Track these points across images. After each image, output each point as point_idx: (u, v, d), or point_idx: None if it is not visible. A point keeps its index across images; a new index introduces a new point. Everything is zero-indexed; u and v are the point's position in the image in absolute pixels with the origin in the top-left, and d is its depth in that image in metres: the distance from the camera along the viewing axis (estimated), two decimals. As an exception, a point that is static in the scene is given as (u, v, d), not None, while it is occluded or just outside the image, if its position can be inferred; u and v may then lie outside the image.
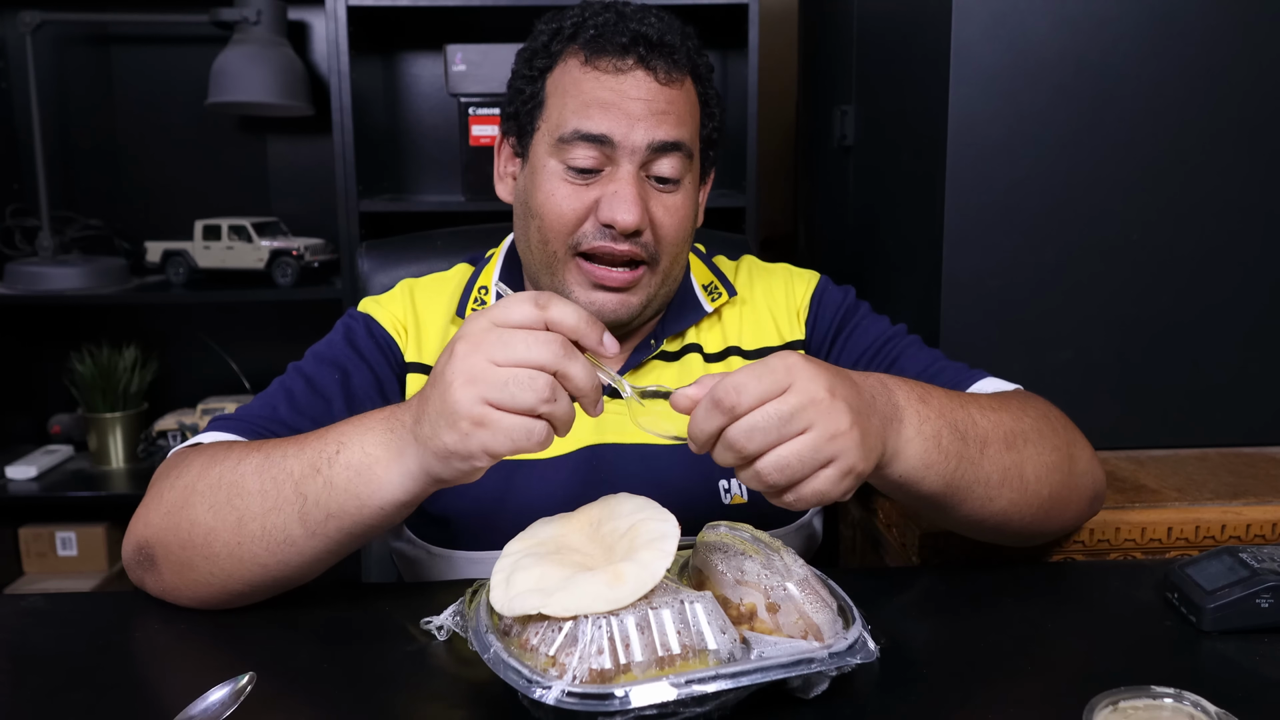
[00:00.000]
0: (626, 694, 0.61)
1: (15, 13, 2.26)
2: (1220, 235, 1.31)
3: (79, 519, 2.44)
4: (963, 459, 0.83)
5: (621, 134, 0.96)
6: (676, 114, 0.98)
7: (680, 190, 1.00)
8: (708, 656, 0.64)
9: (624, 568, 0.66)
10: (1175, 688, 0.60)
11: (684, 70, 0.99)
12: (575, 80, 0.98)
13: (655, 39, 0.97)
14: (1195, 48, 1.26)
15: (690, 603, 0.66)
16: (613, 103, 0.96)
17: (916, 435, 0.80)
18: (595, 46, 0.97)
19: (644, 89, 0.97)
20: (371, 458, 0.76)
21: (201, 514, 0.81)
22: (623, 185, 0.96)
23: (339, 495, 0.77)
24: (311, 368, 1.02)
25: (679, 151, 0.98)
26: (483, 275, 1.11)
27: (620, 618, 0.64)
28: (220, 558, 0.81)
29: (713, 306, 1.09)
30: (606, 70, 0.97)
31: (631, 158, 0.96)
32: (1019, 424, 0.89)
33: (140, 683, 0.78)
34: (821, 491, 0.71)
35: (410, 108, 2.50)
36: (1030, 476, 0.88)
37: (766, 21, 2.27)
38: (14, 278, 2.28)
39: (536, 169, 1.00)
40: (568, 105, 0.97)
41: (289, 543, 0.80)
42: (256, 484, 0.80)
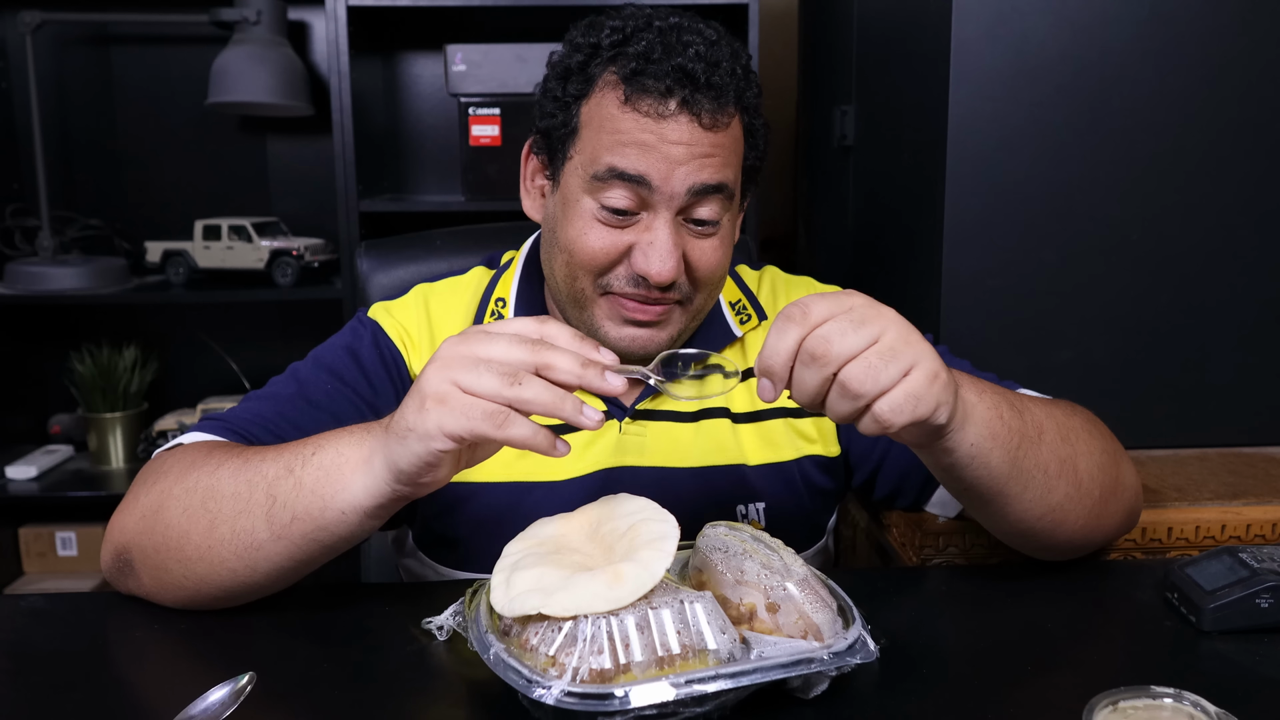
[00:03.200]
0: (626, 694, 0.61)
1: (15, 13, 2.26)
2: (1220, 235, 1.31)
3: (79, 519, 2.44)
4: (1024, 438, 0.81)
5: (660, 178, 0.90)
6: (721, 156, 0.92)
7: (720, 231, 0.95)
8: (708, 656, 0.64)
9: (624, 568, 0.66)
10: (1175, 688, 0.60)
11: (731, 108, 0.92)
12: (613, 117, 0.91)
13: (701, 78, 0.89)
14: (1195, 48, 1.26)
15: (690, 603, 0.66)
16: (652, 145, 0.89)
17: (979, 404, 0.78)
18: (636, 84, 0.89)
19: (686, 133, 0.90)
20: (342, 458, 0.75)
21: (176, 517, 0.81)
22: (659, 235, 0.91)
23: (305, 496, 0.76)
24: (308, 372, 1.00)
25: (720, 194, 0.93)
26: (500, 285, 1.07)
27: (620, 618, 0.64)
28: (192, 561, 0.80)
29: (742, 331, 1.05)
30: (647, 113, 0.89)
31: (669, 203, 0.91)
32: (1071, 420, 0.88)
33: (140, 683, 0.78)
34: (915, 394, 0.69)
35: (410, 108, 2.50)
36: (1084, 472, 0.87)
37: (766, 21, 2.27)
38: (14, 278, 2.28)
39: (569, 201, 0.95)
40: (603, 141, 0.91)
41: (255, 546, 0.78)
42: (231, 487, 0.79)
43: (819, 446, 1.06)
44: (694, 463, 1.02)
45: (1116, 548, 1.09)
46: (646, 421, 1.02)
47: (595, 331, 0.97)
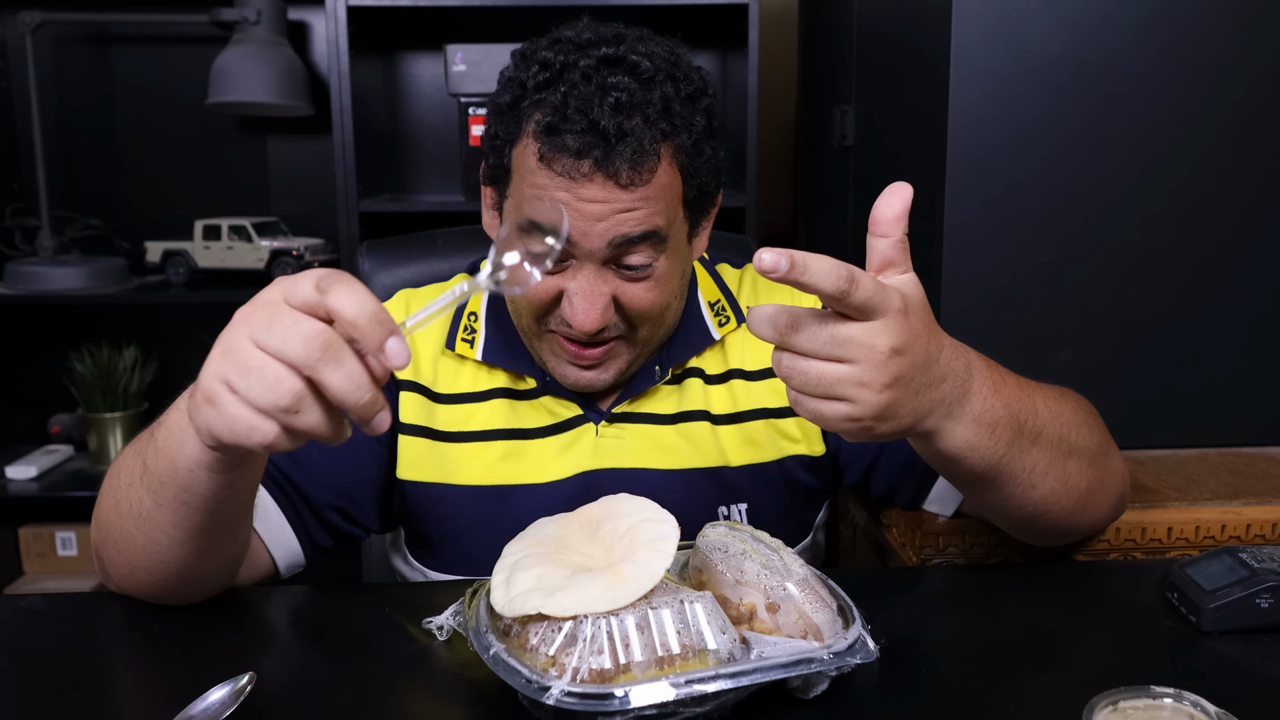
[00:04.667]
0: (626, 694, 0.61)
1: (15, 13, 2.26)
2: (1220, 235, 1.31)
3: (79, 519, 2.44)
4: (1012, 446, 0.81)
5: (578, 234, 0.88)
6: (646, 208, 0.88)
7: (653, 273, 0.92)
8: (707, 656, 0.64)
9: (624, 568, 0.66)
10: (1175, 688, 0.60)
11: (655, 159, 0.88)
12: (532, 170, 0.88)
13: (614, 133, 0.85)
14: (1195, 48, 1.26)
15: (690, 603, 0.66)
16: (568, 203, 0.87)
17: (971, 424, 0.78)
18: (549, 142, 0.86)
19: (602, 193, 0.87)
20: (180, 413, 0.72)
21: (103, 502, 0.83)
22: (582, 286, 0.90)
23: (161, 458, 0.73)
24: None
25: (648, 241, 0.90)
26: (472, 300, 1.06)
27: (620, 618, 0.64)
28: (119, 544, 0.81)
29: (720, 334, 1.05)
30: (561, 173, 0.86)
31: (591, 257, 0.89)
32: (1075, 416, 0.89)
33: (140, 683, 0.78)
34: (819, 414, 0.70)
35: (410, 108, 2.50)
36: (1073, 469, 0.87)
37: (766, 21, 2.27)
38: (14, 278, 2.28)
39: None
40: (525, 193, 0.90)
41: (145, 517, 0.77)
42: (125, 463, 0.80)
43: (803, 446, 1.05)
44: (675, 465, 1.02)
45: (1116, 548, 1.09)
46: (624, 424, 1.02)
47: (544, 364, 0.99)
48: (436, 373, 1.03)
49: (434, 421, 1.02)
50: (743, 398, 1.04)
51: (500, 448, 1.01)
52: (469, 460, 1.01)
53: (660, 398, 1.03)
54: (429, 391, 1.03)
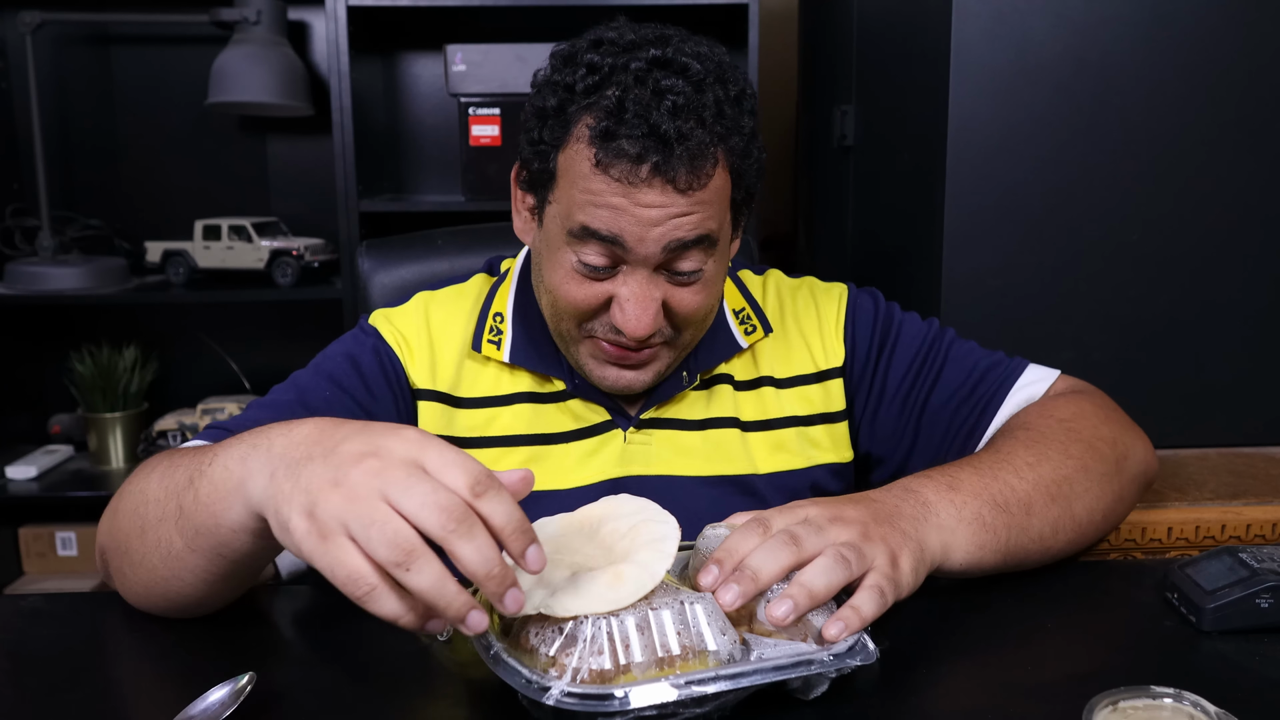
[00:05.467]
0: (626, 694, 0.61)
1: (15, 13, 2.26)
2: (1220, 235, 1.31)
3: (79, 519, 2.44)
4: (1011, 528, 0.83)
5: (634, 239, 0.87)
6: (700, 212, 0.88)
7: (703, 277, 0.92)
8: (707, 657, 0.64)
9: (624, 569, 0.66)
10: (1175, 688, 0.60)
11: (709, 166, 0.87)
12: (585, 176, 0.87)
13: (675, 144, 0.84)
14: (1195, 48, 1.26)
15: (690, 603, 0.66)
16: (624, 209, 0.86)
17: (959, 523, 0.81)
18: (606, 147, 0.85)
19: (660, 197, 0.85)
20: (228, 474, 0.69)
21: (123, 521, 0.80)
22: (634, 291, 0.89)
23: (201, 511, 0.71)
24: (308, 379, 0.98)
25: (701, 245, 0.89)
26: (497, 298, 1.05)
27: (620, 618, 0.64)
28: (137, 566, 0.79)
29: (747, 343, 1.04)
30: (619, 178, 0.85)
31: (645, 262, 0.89)
32: (1060, 470, 0.89)
33: (140, 683, 0.78)
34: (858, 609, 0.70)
35: (410, 108, 2.50)
36: (1082, 513, 0.89)
37: (766, 21, 2.27)
38: (14, 278, 2.28)
39: (551, 246, 0.93)
40: (576, 199, 0.88)
41: (176, 557, 0.75)
42: (156, 492, 0.77)
43: (831, 454, 1.06)
44: (702, 471, 1.02)
45: (1116, 548, 1.09)
46: (652, 430, 1.02)
47: (580, 368, 0.97)
48: (459, 375, 1.02)
49: (453, 428, 1.01)
50: (772, 405, 1.04)
51: (523, 453, 1.00)
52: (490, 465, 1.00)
53: (689, 403, 1.03)
54: (449, 397, 1.01)
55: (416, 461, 0.60)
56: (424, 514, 0.58)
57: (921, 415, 1.04)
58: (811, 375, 1.06)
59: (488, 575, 0.59)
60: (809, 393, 1.06)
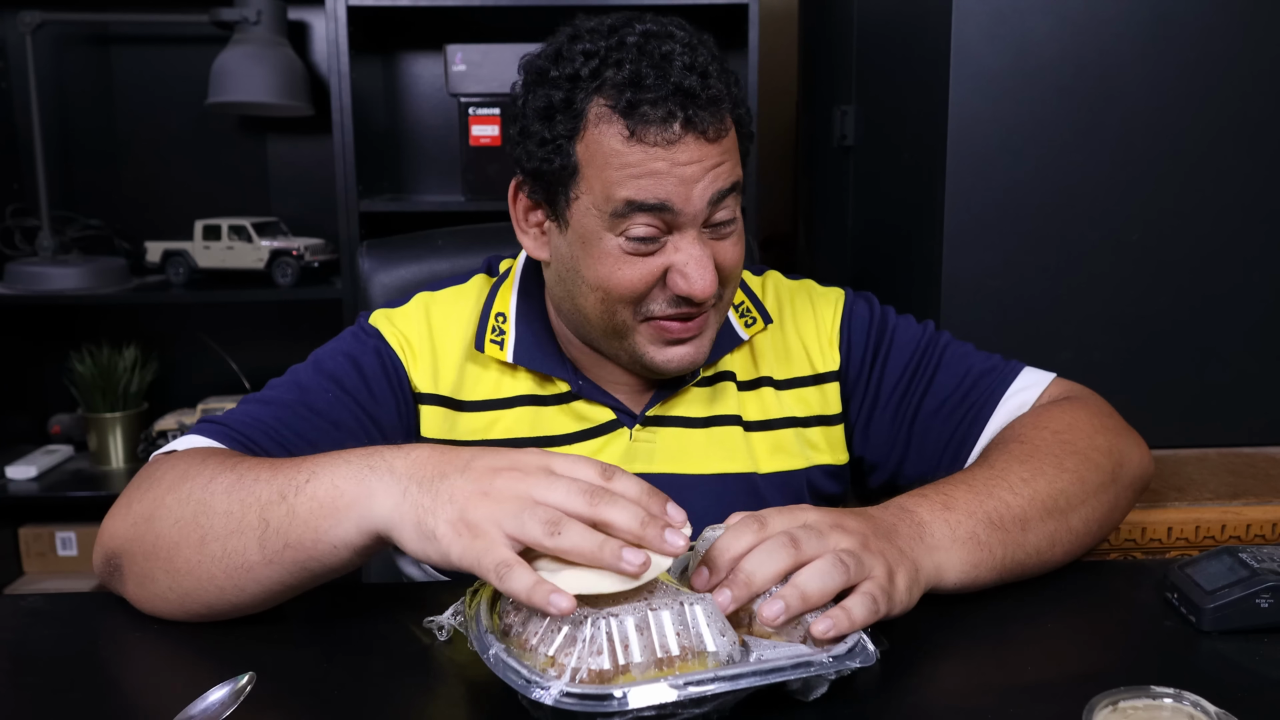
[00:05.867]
0: (625, 694, 0.61)
1: (15, 13, 2.26)
2: (1220, 235, 1.31)
3: (79, 519, 2.44)
4: (1006, 545, 0.84)
5: (682, 200, 0.88)
6: (730, 159, 0.91)
7: (737, 227, 0.94)
8: (707, 658, 0.64)
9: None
10: (1175, 688, 0.60)
11: (727, 106, 0.90)
12: (618, 152, 0.88)
13: (700, 94, 0.87)
14: (1195, 48, 1.26)
15: (690, 604, 0.66)
16: (665, 172, 0.87)
17: (953, 543, 0.81)
18: (635, 115, 0.86)
19: (696, 151, 0.88)
20: (337, 492, 0.73)
21: (167, 528, 0.79)
22: (693, 254, 0.90)
23: (299, 526, 0.74)
24: (309, 377, 0.98)
25: (735, 192, 0.92)
26: (498, 299, 1.04)
27: (620, 618, 0.64)
28: (181, 574, 0.79)
29: (748, 334, 1.05)
30: (654, 142, 0.87)
31: (694, 221, 0.90)
32: (1055, 485, 0.88)
33: (140, 683, 0.78)
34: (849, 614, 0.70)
35: (410, 108, 2.50)
36: (1078, 525, 0.89)
37: (766, 21, 2.27)
38: (14, 278, 2.28)
39: (589, 240, 0.92)
40: (613, 178, 0.88)
41: (246, 568, 0.76)
42: (224, 504, 0.77)
43: (828, 456, 1.07)
44: (705, 469, 1.02)
45: (1116, 548, 1.09)
46: (656, 428, 1.02)
47: (639, 358, 0.96)
48: (461, 378, 1.02)
49: (455, 431, 1.01)
50: (772, 406, 1.05)
51: None
52: None
53: (692, 400, 1.03)
54: (451, 401, 1.01)
55: (548, 468, 0.69)
56: (570, 500, 0.67)
57: (914, 422, 1.05)
58: (809, 378, 1.07)
59: (643, 525, 0.66)
60: (806, 395, 1.07)
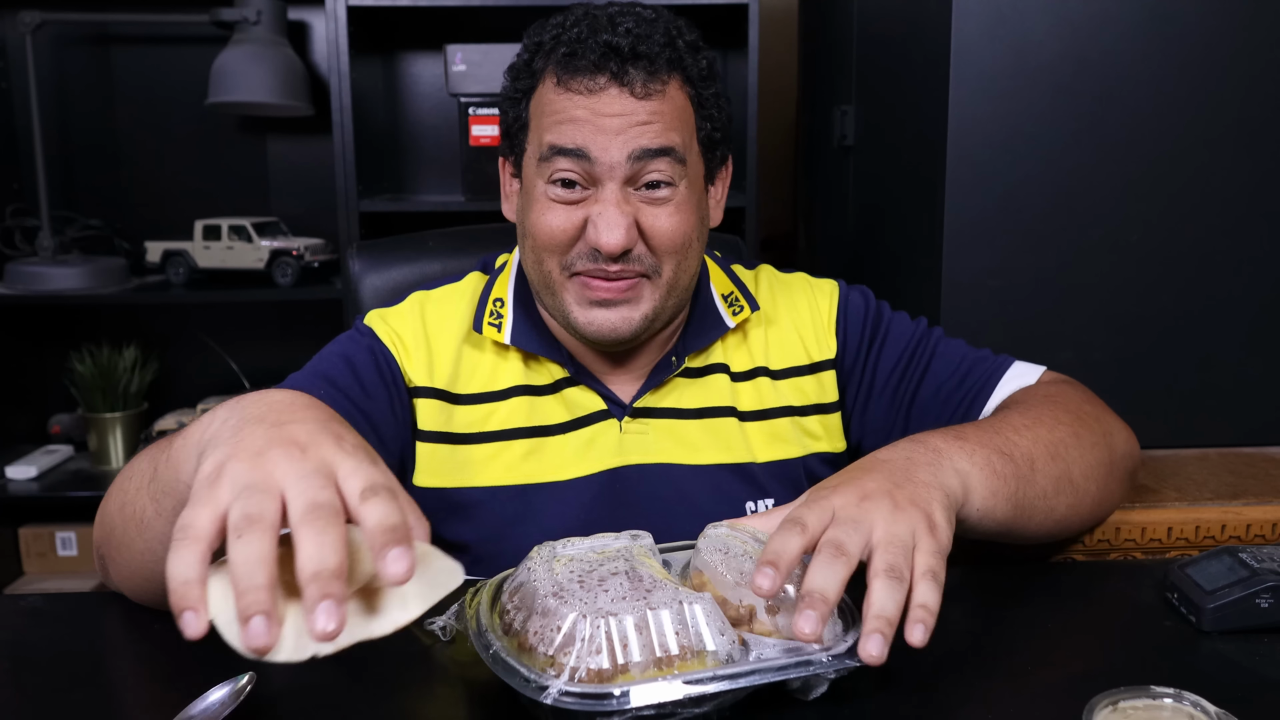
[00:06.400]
0: (624, 693, 0.61)
1: (15, 13, 2.26)
2: (1220, 235, 1.31)
3: (79, 519, 2.44)
4: (1019, 479, 0.85)
5: (599, 149, 0.91)
6: (661, 122, 0.93)
7: (674, 197, 0.95)
8: (706, 657, 0.64)
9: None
10: (1175, 688, 0.60)
11: (666, 76, 0.93)
12: (550, 101, 0.94)
13: (628, 50, 0.91)
14: (1195, 48, 1.26)
15: (689, 603, 0.66)
16: (586, 119, 0.92)
17: (972, 466, 0.82)
18: (567, 66, 0.93)
19: (619, 104, 0.92)
20: (200, 429, 0.67)
21: (110, 504, 0.82)
22: (605, 206, 0.92)
23: (171, 469, 0.69)
24: (305, 382, 0.98)
25: (667, 157, 0.93)
26: (496, 286, 1.07)
27: (619, 618, 0.64)
28: (121, 549, 0.79)
29: (735, 322, 1.05)
30: (579, 90, 0.92)
31: (613, 174, 0.92)
32: (1054, 433, 0.90)
33: (140, 683, 0.78)
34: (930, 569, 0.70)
35: (410, 108, 2.50)
36: (1079, 479, 0.91)
37: (766, 21, 2.27)
38: (14, 278, 2.28)
39: (528, 191, 0.98)
40: (544, 124, 0.94)
41: (146, 524, 0.74)
42: (139, 466, 0.77)
43: (825, 443, 1.07)
44: (702, 460, 1.02)
45: (1116, 548, 1.09)
46: (648, 419, 1.02)
47: (566, 317, 0.97)
48: (456, 372, 1.03)
49: (452, 424, 1.01)
50: (769, 395, 1.06)
51: (521, 446, 1.01)
52: (490, 461, 1.01)
53: (682, 391, 1.04)
54: (447, 394, 1.02)
55: (329, 465, 0.59)
56: (296, 500, 0.56)
57: (911, 407, 1.06)
58: (805, 367, 1.08)
59: (313, 575, 0.54)
60: (803, 384, 1.07)
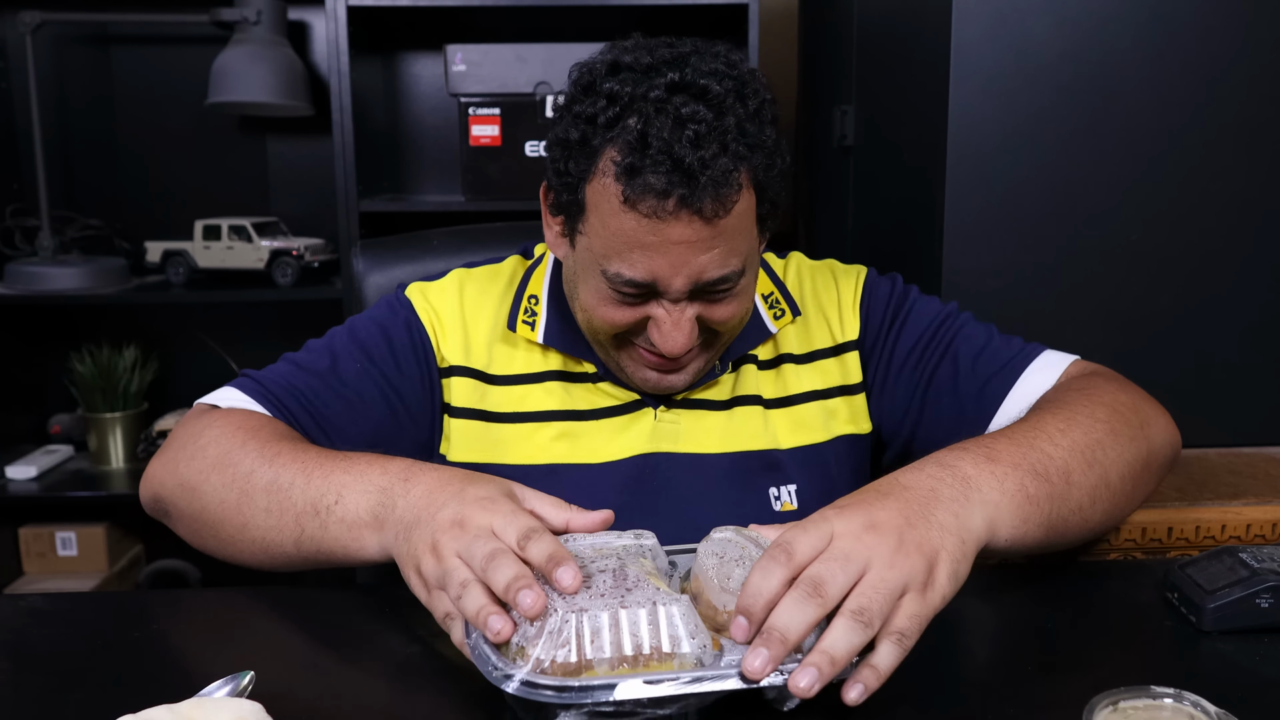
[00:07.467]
0: (584, 688, 0.62)
1: (15, 13, 2.26)
2: (1220, 234, 1.31)
3: (79, 519, 2.44)
4: (1053, 499, 0.81)
5: (665, 279, 0.89)
6: (727, 244, 0.89)
7: (735, 289, 0.93)
8: (673, 660, 0.65)
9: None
10: (1175, 688, 0.60)
11: (734, 193, 0.87)
12: (615, 214, 0.88)
13: (699, 168, 0.84)
14: (1195, 48, 1.26)
15: (665, 605, 0.66)
16: (654, 246, 0.87)
17: (1002, 497, 0.78)
18: (633, 185, 0.85)
19: (688, 231, 0.86)
20: (360, 521, 0.80)
21: (212, 504, 0.88)
22: (670, 315, 0.92)
23: (330, 542, 0.82)
24: (343, 345, 1.03)
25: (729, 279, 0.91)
26: (532, 282, 1.07)
27: (593, 614, 0.65)
28: (224, 541, 0.89)
29: (777, 328, 1.06)
30: (647, 214, 0.86)
31: (678, 295, 0.91)
32: (1090, 435, 0.87)
33: (140, 682, 0.78)
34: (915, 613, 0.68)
35: (410, 108, 2.50)
36: (1115, 481, 0.88)
37: (766, 21, 2.27)
38: (14, 278, 2.28)
39: (584, 270, 0.94)
40: (608, 241, 0.89)
41: (284, 557, 0.86)
42: (263, 502, 0.85)
43: (850, 425, 1.08)
44: (727, 448, 1.04)
45: (1116, 548, 1.09)
46: (680, 410, 1.04)
47: (620, 371, 1.01)
48: (491, 355, 1.05)
49: (486, 403, 1.04)
50: (792, 382, 1.07)
51: (554, 428, 1.03)
52: (522, 441, 1.03)
53: (721, 385, 1.06)
54: (482, 374, 1.04)
55: (485, 528, 0.72)
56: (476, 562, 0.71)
57: (929, 388, 1.05)
58: (829, 349, 1.08)
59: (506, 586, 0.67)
60: (827, 366, 1.08)
